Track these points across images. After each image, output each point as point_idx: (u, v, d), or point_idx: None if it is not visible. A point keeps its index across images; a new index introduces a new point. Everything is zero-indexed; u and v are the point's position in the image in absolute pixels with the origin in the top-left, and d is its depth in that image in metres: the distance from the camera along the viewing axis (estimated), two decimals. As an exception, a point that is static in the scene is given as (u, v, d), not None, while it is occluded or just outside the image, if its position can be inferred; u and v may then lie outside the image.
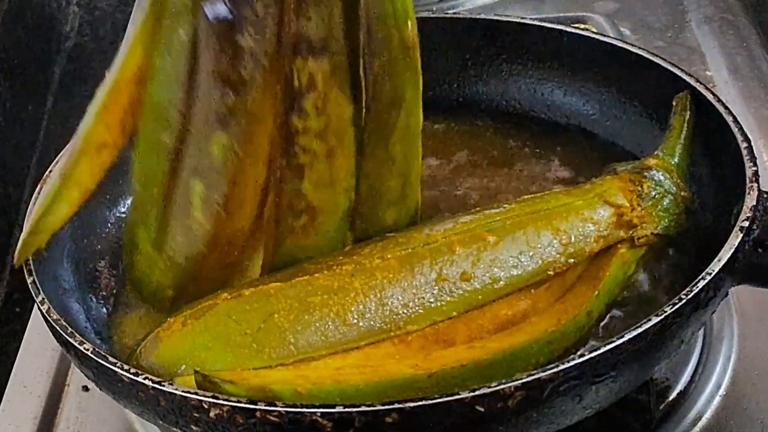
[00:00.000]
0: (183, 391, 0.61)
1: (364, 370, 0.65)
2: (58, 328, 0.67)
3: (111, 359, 0.64)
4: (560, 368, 0.59)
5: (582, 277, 0.72)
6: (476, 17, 0.92)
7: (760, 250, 0.67)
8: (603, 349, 0.61)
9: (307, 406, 0.59)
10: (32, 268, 0.71)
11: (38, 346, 0.87)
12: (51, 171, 0.77)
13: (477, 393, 0.58)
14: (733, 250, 0.66)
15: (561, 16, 1.20)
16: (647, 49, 0.85)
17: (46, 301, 0.69)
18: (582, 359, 0.60)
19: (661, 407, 0.76)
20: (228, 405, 0.59)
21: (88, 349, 0.65)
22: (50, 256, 0.74)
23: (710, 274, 0.64)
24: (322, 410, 0.58)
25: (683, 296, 0.63)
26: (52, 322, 0.67)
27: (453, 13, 1.07)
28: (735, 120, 0.75)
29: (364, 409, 0.58)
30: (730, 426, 0.75)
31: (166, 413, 0.62)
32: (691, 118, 0.78)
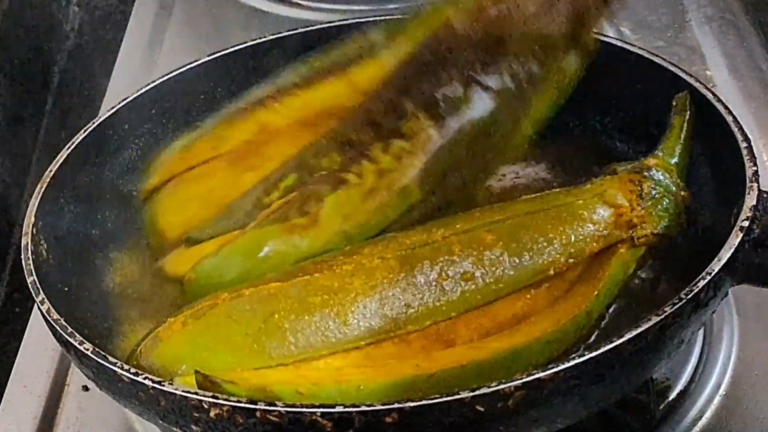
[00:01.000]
0: (183, 391, 0.61)
1: (365, 370, 0.65)
2: (58, 328, 0.67)
3: (111, 359, 0.64)
4: (560, 368, 0.59)
5: (582, 277, 0.72)
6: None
7: (759, 250, 0.67)
8: (603, 349, 0.60)
9: (307, 406, 0.59)
10: (32, 268, 0.71)
11: (38, 346, 0.86)
12: (51, 171, 0.77)
13: (477, 393, 0.58)
14: (733, 250, 0.66)
15: (561, 16, 1.20)
16: (647, 49, 0.85)
17: (46, 301, 0.69)
18: (582, 359, 0.60)
19: (661, 407, 0.76)
20: (228, 405, 0.59)
21: (88, 349, 0.65)
22: (50, 256, 0.74)
23: (710, 274, 0.64)
24: (322, 410, 0.58)
25: (683, 296, 0.63)
26: (52, 322, 0.67)
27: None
28: (735, 120, 0.75)
29: (364, 409, 0.58)
30: (730, 426, 0.75)
31: (166, 413, 0.62)
32: (691, 118, 0.78)
